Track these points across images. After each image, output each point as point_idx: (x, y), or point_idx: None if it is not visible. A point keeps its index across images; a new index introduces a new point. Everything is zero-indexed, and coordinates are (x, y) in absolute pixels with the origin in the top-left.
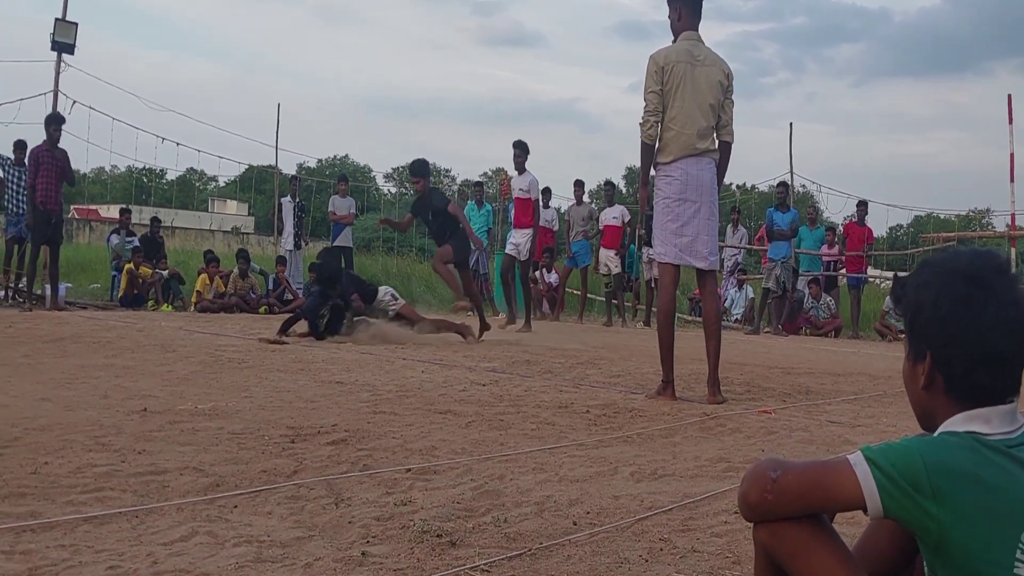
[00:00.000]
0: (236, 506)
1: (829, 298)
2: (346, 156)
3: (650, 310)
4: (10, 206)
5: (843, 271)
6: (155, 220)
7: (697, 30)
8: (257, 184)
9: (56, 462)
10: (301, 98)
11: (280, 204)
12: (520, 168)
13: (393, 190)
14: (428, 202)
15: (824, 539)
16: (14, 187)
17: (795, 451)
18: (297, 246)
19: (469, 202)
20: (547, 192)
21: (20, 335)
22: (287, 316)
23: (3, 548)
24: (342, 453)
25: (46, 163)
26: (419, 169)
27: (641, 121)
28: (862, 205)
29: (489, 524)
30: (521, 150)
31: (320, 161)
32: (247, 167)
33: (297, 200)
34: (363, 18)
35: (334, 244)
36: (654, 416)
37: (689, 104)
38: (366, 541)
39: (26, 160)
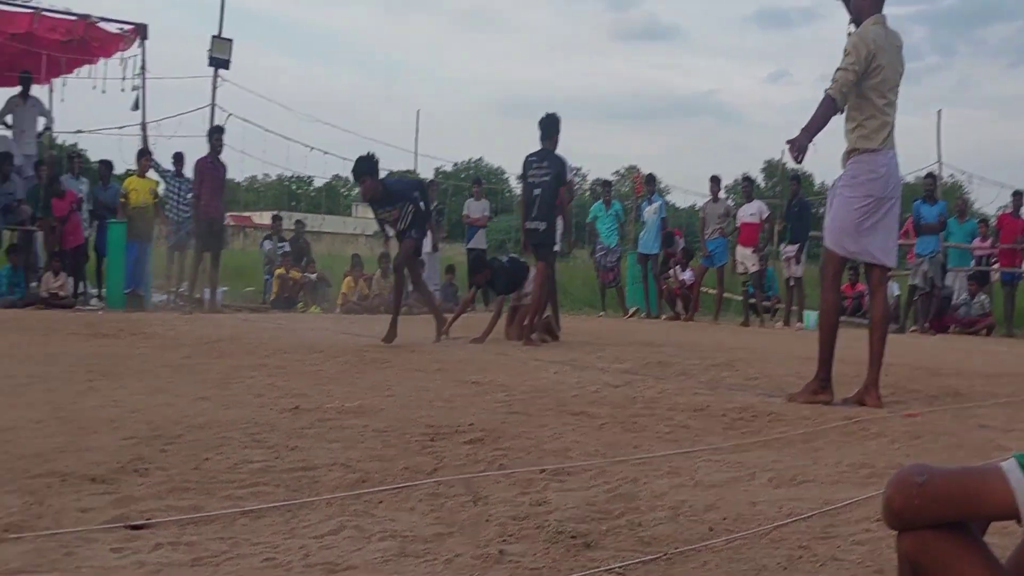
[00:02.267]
0: (381, 501)
1: (984, 295)
2: (480, 159)
3: (790, 309)
4: (171, 215)
5: (996, 265)
6: (299, 223)
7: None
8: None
9: (215, 458)
10: (439, 103)
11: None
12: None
13: None
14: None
15: (972, 550)
16: (175, 198)
17: (942, 457)
18: (435, 248)
19: (597, 202)
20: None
21: (181, 337)
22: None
23: (169, 539)
24: (479, 452)
25: (209, 173)
26: (361, 168)
27: (835, 86)
28: (1018, 195)
29: (623, 527)
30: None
31: (456, 165)
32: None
33: (435, 204)
34: (501, 22)
35: (469, 247)
36: (793, 420)
37: (895, 95)
38: (503, 539)
39: (193, 171)
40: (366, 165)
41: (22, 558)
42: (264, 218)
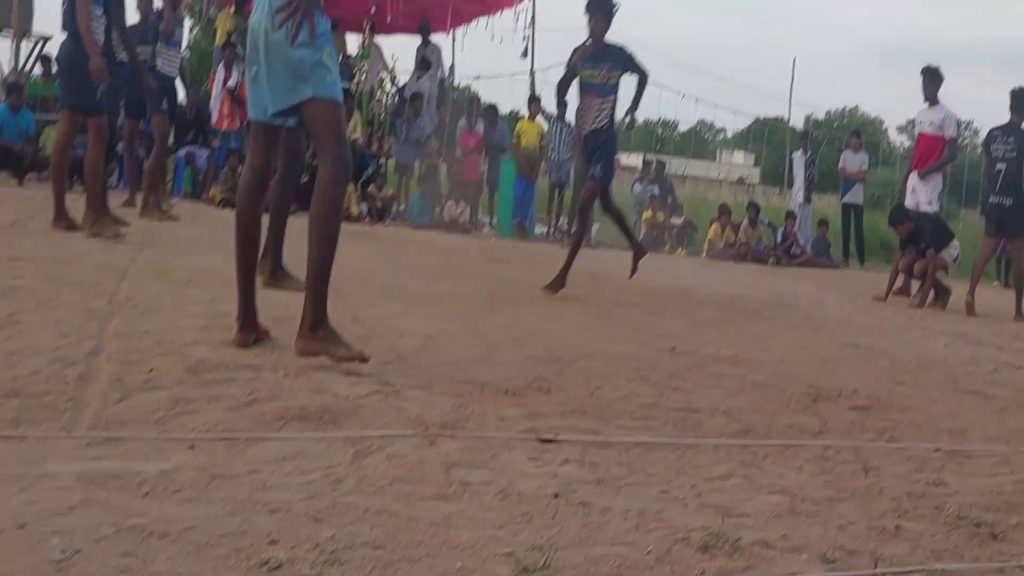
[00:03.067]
0: (767, 456)
1: None
2: (856, 108)
3: None
4: (553, 155)
5: None
6: (660, 164)
7: None
8: (766, 136)
9: (606, 387)
10: (813, 47)
11: (791, 159)
12: (932, 99)
13: (907, 143)
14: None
15: None
16: (557, 139)
17: None
18: (807, 200)
19: None
20: None
21: None
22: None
23: (574, 456)
24: (866, 420)
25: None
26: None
27: None
28: None
29: None
30: (931, 78)
31: (828, 113)
32: (755, 119)
33: (808, 154)
34: None
35: (844, 201)
36: None
37: None
38: (898, 515)
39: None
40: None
41: (458, 454)
42: (631, 160)
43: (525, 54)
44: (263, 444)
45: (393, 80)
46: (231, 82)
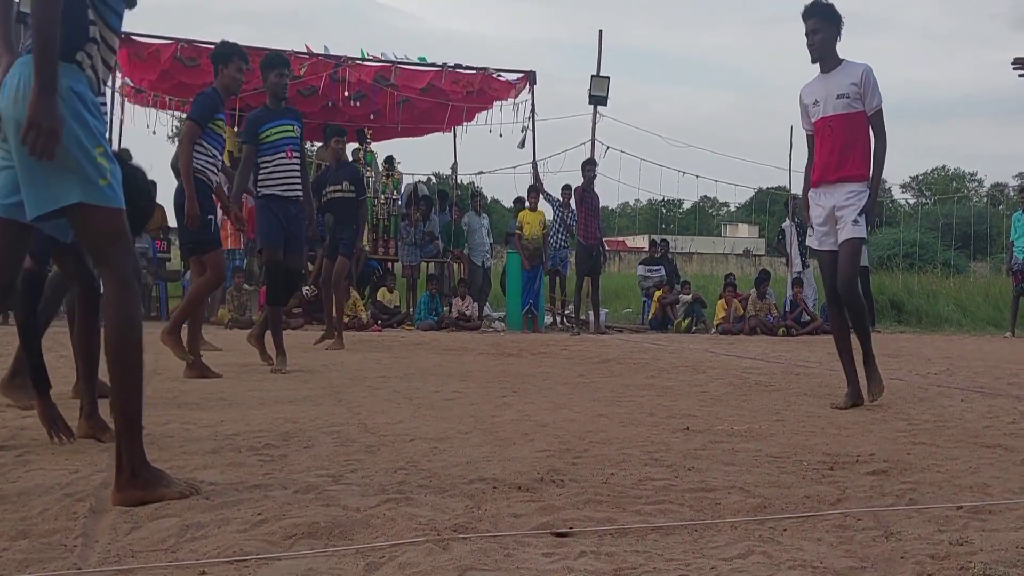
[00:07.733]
0: (786, 529)
1: None
2: None
3: None
4: (553, 241)
5: None
6: (664, 242)
7: None
8: (768, 207)
9: (620, 473)
10: None
11: (782, 228)
12: (831, 57)
13: (911, 200)
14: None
15: None
16: (559, 224)
17: None
18: (805, 266)
19: (1017, 212)
20: None
21: (573, 357)
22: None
23: (591, 548)
24: (884, 484)
25: (587, 202)
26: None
27: None
28: None
29: None
30: (825, 18)
31: None
32: (757, 189)
33: (797, 221)
34: (880, 23)
35: None
36: None
37: None
38: None
39: (572, 201)
40: None
41: (471, 556)
42: (636, 241)
43: (522, 145)
44: (274, 564)
45: (396, 184)
46: None
